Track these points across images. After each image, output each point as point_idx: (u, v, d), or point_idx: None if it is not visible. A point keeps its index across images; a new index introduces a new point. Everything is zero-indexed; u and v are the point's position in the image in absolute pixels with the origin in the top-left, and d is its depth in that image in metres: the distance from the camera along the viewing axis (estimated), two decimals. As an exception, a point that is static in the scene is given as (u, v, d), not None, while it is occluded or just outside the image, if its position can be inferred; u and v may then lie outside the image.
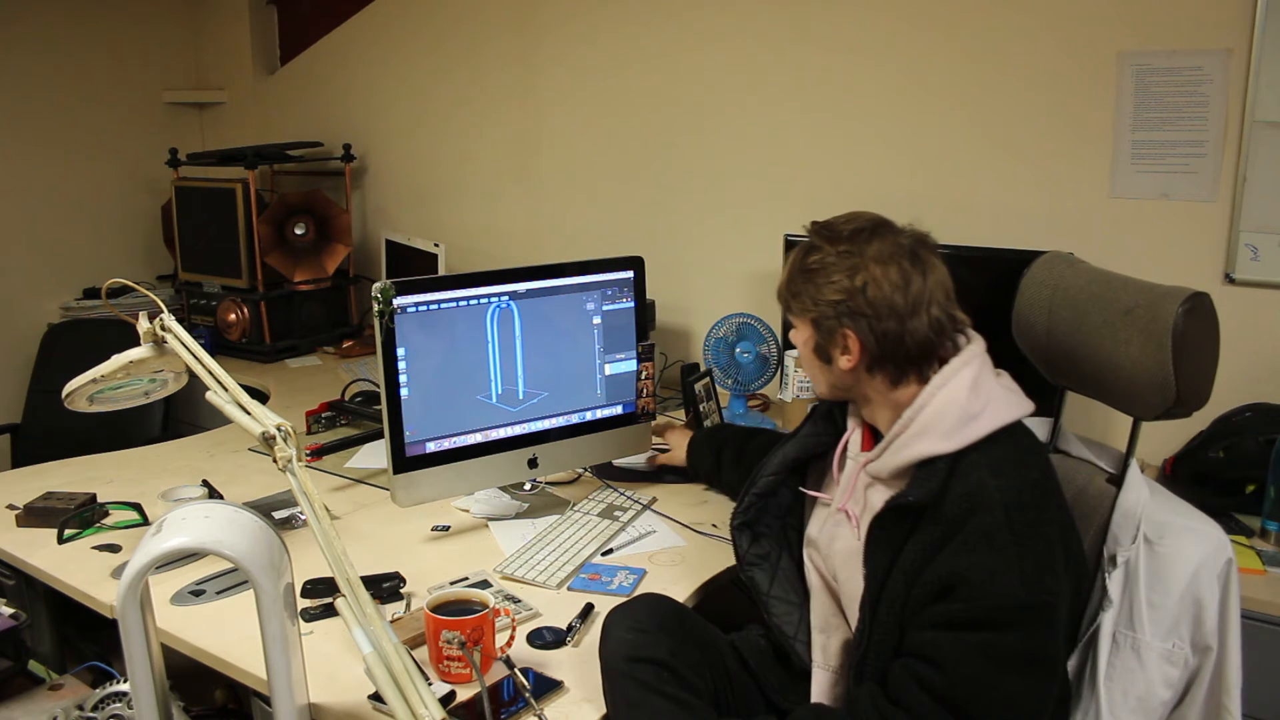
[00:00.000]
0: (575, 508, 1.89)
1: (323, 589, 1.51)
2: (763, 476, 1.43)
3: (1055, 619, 1.12)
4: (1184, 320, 1.24)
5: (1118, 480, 1.36)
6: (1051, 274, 1.47)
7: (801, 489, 1.44)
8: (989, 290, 1.78)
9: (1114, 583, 1.29)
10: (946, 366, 1.22)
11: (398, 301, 1.69)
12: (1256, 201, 1.95)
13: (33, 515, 1.81)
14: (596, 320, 1.91)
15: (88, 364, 1.49)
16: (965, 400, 1.19)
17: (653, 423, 2.02)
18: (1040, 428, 1.55)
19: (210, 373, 1.31)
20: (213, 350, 2.01)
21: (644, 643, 1.26)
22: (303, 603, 1.49)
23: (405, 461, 1.74)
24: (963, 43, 2.23)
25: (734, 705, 1.37)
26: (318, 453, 2.16)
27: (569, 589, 1.60)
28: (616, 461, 2.06)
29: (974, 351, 1.24)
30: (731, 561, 1.53)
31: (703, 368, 2.34)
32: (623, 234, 2.82)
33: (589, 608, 1.51)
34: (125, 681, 1.42)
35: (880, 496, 1.27)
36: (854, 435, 1.37)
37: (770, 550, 1.44)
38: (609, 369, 1.94)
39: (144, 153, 3.54)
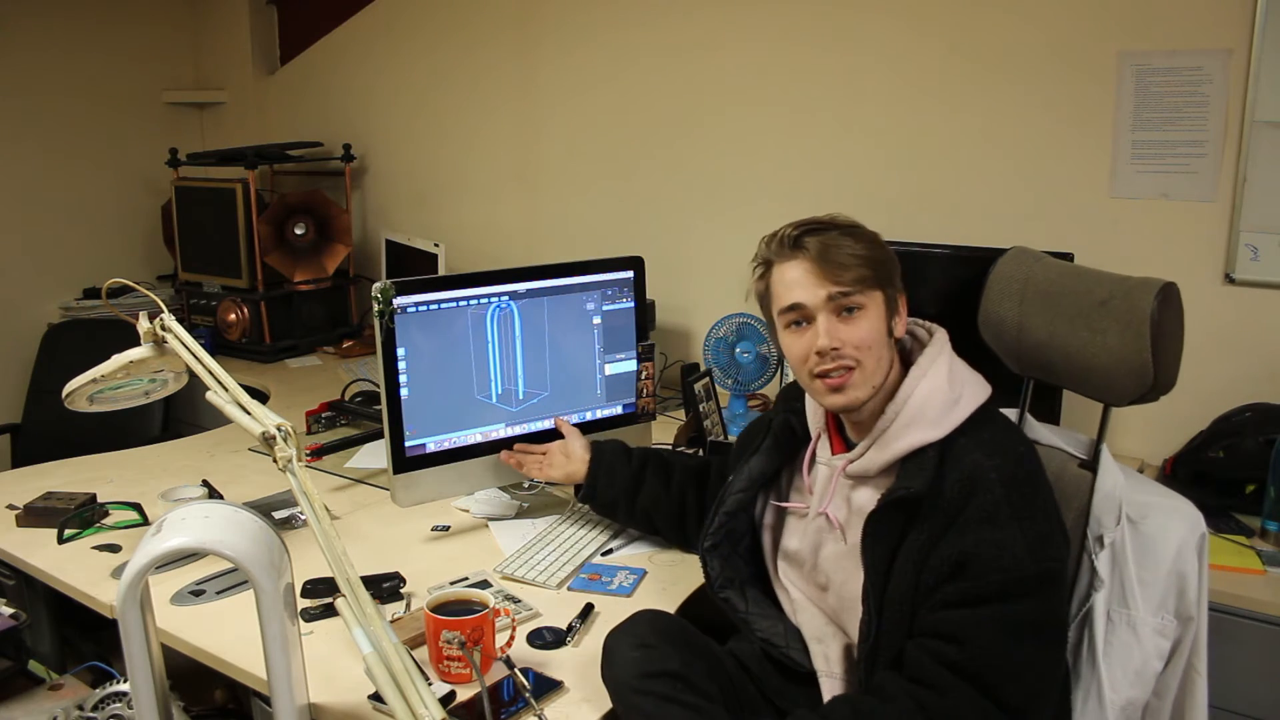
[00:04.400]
0: (575, 508, 1.89)
1: (323, 589, 1.51)
2: (731, 494, 1.44)
3: (1062, 584, 1.18)
4: (1160, 310, 1.29)
5: (1089, 465, 1.40)
6: (1021, 269, 1.51)
7: (775, 502, 1.45)
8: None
9: (1102, 563, 1.34)
10: (923, 356, 1.28)
11: (398, 301, 1.69)
12: (1256, 201, 1.95)
13: (33, 515, 1.81)
14: (596, 320, 1.92)
15: (88, 364, 1.49)
16: (946, 387, 1.25)
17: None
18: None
19: (210, 373, 1.31)
20: (213, 350, 2.01)
21: (654, 657, 1.25)
22: (303, 603, 1.49)
23: (405, 461, 1.75)
24: (962, 42, 2.23)
25: (741, 711, 1.36)
26: (318, 453, 2.16)
27: (569, 589, 1.60)
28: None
29: (943, 340, 1.31)
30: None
31: (703, 368, 2.34)
32: (623, 234, 2.82)
33: (589, 608, 1.51)
34: (125, 681, 1.42)
35: (867, 494, 1.29)
36: (821, 441, 1.39)
37: (739, 570, 1.45)
38: (609, 369, 1.95)
39: (144, 153, 3.53)
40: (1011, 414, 1.56)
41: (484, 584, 1.58)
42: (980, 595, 1.13)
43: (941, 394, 1.24)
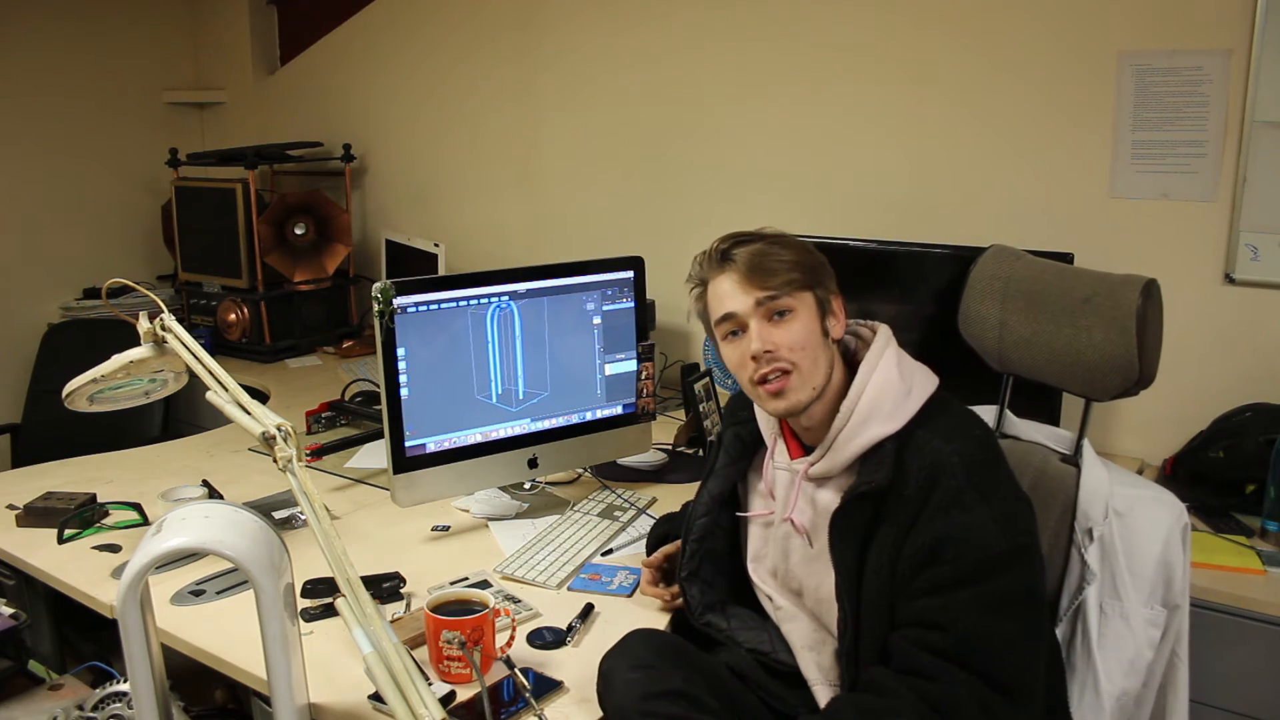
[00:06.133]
0: (575, 508, 1.89)
1: (323, 589, 1.51)
2: (696, 521, 1.44)
3: (1035, 557, 1.19)
4: (1144, 306, 1.31)
5: (1071, 460, 1.41)
6: (1002, 267, 1.52)
7: (739, 514, 1.45)
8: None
9: (1092, 556, 1.35)
10: (869, 353, 1.29)
11: (398, 301, 1.69)
12: (1256, 201, 1.95)
13: (33, 515, 1.81)
14: (596, 320, 1.92)
15: (88, 364, 1.49)
16: (897, 379, 1.26)
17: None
18: (986, 415, 1.57)
19: (210, 373, 1.31)
20: (213, 350, 2.01)
21: (655, 678, 1.22)
22: (303, 603, 1.49)
23: (405, 461, 1.75)
24: (963, 42, 2.23)
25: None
26: (318, 453, 2.16)
27: (569, 589, 1.60)
28: (621, 460, 2.06)
29: (887, 335, 1.32)
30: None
31: (702, 368, 2.34)
32: (623, 233, 2.82)
33: (589, 608, 1.51)
34: (125, 681, 1.42)
35: (831, 495, 1.30)
36: (778, 447, 1.39)
37: (720, 593, 1.45)
38: (609, 369, 1.95)
39: (144, 153, 3.53)
40: (991, 409, 1.57)
41: (484, 584, 1.58)
42: (958, 578, 1.14)
43: (893, 387, 1.26)
